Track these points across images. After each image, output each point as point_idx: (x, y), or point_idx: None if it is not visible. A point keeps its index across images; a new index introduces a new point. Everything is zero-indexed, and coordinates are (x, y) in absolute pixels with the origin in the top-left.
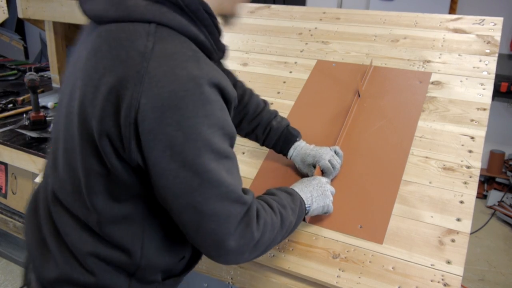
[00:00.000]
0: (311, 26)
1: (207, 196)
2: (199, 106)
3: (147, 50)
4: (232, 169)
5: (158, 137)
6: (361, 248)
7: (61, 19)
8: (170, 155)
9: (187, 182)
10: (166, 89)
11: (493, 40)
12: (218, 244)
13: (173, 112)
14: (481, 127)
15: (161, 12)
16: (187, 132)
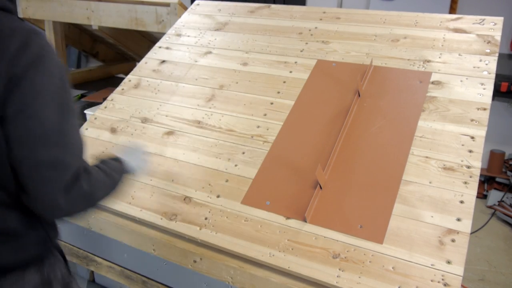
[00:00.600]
0: (311, 26)
1: (47, 143)
2: (46, 60)
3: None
4: (77, 128)
5: (7, 88)
6: (361, 248)
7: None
8: (19, 104)
9: (32, 132)
10: (15, 41)
11: (493, 40)
12: (47, 196)
13: (23, 63)
14: (481, 127)
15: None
16: (36, 84)
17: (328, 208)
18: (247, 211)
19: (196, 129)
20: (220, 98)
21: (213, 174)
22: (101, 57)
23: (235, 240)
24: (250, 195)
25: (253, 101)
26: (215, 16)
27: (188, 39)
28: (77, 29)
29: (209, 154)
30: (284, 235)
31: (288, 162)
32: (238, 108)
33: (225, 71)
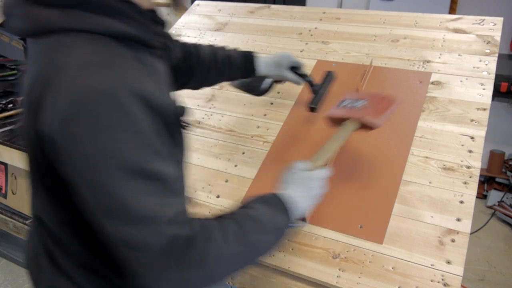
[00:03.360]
0: (311, 26)
1: (117, 220)
2: (111, 118)
3: (58, 63)
4: (159, 192)
5: (68, 152)
6: (361, 248)
7: None
8: (82, 172)
9: (99, 202)
10: (73, 100)
11: (493, 40)
12: (134, 275)
13: (81, 125)
14: (481, 127)
15: (74, 17)
16: (95, 146)
17: (328, 208)
18: None
19: (196, 129)
20: (220, 98)
21: (213, 174)
22: None
23: None
24: (250, 195)
25: (253, 101)
26: (215, 16)
27: (188, 40)
28: None
29: (209, 154)
30: None
31: (288, 162)
32: (238, 108)
33: None
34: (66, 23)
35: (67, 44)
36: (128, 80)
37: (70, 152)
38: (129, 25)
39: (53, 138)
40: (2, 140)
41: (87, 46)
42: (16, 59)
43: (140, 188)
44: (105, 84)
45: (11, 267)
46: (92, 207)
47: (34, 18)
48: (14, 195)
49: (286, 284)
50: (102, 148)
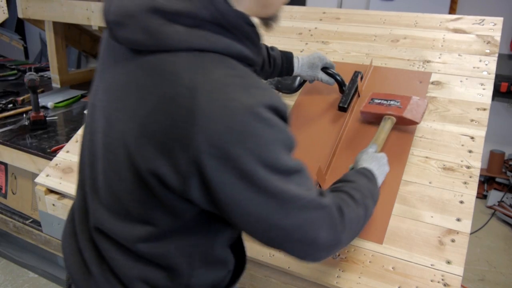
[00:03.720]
0: (311, 26)
1: (288, 212)
2: (260, 135)
3: (194, 84)
4: (303, 180)
5: (224, 173)
6: (361, 248)
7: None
8: (242, 186)
9: (265, 206)
10: (222, 125)
11: (493, 40)
12: (307, 250)
13: (235, 147)
14: (481, 127)
15: (202, 37)
16: (255, 163)
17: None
18: None
19: None
20: None
21: None
22: None
23: None
24: None
25: None
26: None
27: None
28: (77, 29)
29: None
30: None
31: None
32: None
33: None
34: (193, 42)
35: (198, 64)
36: (264, 97)
37: (231, 171)
38: (251, 49)
39: (206, 160)
40: (2, 140)
41: (218, 67)
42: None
43: (296, 182)
44: (248, 104)
45: (11, 267)
46: (258, 214)
47: (159, 32)
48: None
49: (286, 284)
50: (266, 160)
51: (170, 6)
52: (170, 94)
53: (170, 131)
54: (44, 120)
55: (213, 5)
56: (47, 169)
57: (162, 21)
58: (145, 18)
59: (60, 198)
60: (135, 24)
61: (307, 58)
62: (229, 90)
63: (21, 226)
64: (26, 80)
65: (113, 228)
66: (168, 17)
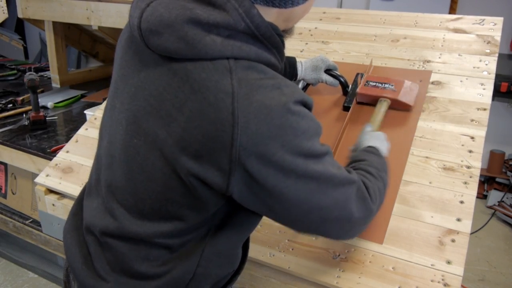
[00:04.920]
0: (311, 26)
1: (326, 191)
2: (295, 127)
3: (234, 89)
4: (332, 160)
5: (267, 166)
6: (361, 248)
7: (61, 19)
8: (284, 175)
9: (307, 189)
10: (263, 123)
11: (493, 40)
12: (345, 226)
13: (276, 141)
14: (481, 127)
15: (238, 46)
16: (293, 152)
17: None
18: None
19: None
20: None
21: None
22: (101, 57)
23: None
24: None
25: None
26: None
27: None
28: (77, 29)
29: None
30: (284, 235)
31: None
32: None
33: None
34: (228, 51)
35: (230, 69)
36: (295, 94)
37: (273, 164)
38: (276, 57)
39: (251, 159)
40: (2, 140)
41: (251, 71)
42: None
43: (330, 163)
44: (284, 101)
45: (11, 267)
46: (298, 198)
47: (194, 42)
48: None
49: (286, 284)
50: (303, 149)
51: (208, 18)
52: (210, 100)
53: (212, 134)
54: (44, 120)
55: (250, 18)
56: (47, 169)
57: (200, 31)
58: (184, 28)
59: (60, 198)
60: (172, 33)
61: (310, 61)
62: (264, 90)
63: (21, 226)
64: (26, 80)
65: (131, 226)
66: (206, 27)
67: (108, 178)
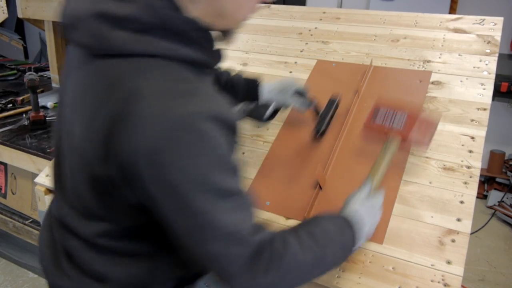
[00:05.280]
0: (311, 26)
1: (206, 238)
2: (194, 146)
3: (136, 89)
4: (237, 207)
5: (153, 180)
6: (361, 248)
7: None
8: (169, 197)
9: (186, 224)
10: (157, 131)
11: (493, 40)
12: (223, 281)
13: (167, 155)
14: (481, 127)
15: (148, 41)
16: (182, 174)
17: (328, 208)
18: None
19: None
20: None
21: None
22: None
23: None
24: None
25: None
26: None
27: None
28: None
29: None
30: None
31: (288, 162)
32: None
33: None
34: (139, 47)
35: (140, 69)
36: (205, 106)
37: (157, 181)
38: (202, 53)
39: (135, 167)
40: (2, 140)
41: (162, 72)
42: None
43: (224, 207)
44: (186, 113)
45: (11, 267)
46: (180, 229)
47: (104, 37)
48: (13, 195)
49: None
50: (190, 175)
51: (115, 11)
52: (113, 98)
53: (110, 134)
54: (44, 120)
55: (155, 11)
56: (46, 169)
57: (108, 25)
58: (92, 23)
59: None
60: (84, 28)
61: (279, 83)
62: (167, 96)
63: (21, 226)
64: (25, 80)
65: (77, 225)
66: (114, 22)
67: (59, 176)
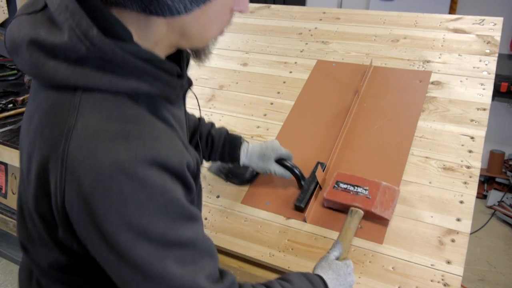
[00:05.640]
0: (311, 26)
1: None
2: (129, 195)
3: (69, 127)
4: (189, 257)
5: (89, 228)
6: (361, 248)
7: None
8: (106, 247)
9: (128, 275)
10: (88, 177)
11: (493, 40)
12: None
13: (99, 203)
14: (481, 127)
15: (84, 74)
16: (119, 224)
17: (328, 208)
18: (247, 211)
19: None
20: (220, 98)
21: (213, 174)
22: None
23: (235, 240)
24: (250, 195)
25: (253, 101)
26: None
27: None
28: None
29: None
30: (284, 235)
31: None
32: (238, 109)
33: (225, 72)
34: (74, 79)
35: (75, 105)
36: (146, 150)
37: (92, 229)
38: (153, 84)
39: (70, 212)
40: (2, 140)
41: (99, 109)
42: None
43: (177, 258)
44: (122, 159)
45: (11, 267)
46: (122, 282)
47: (39, 66)
48: (14, 195)
49: None
50: (132, 225)
51: (47, 39)
52: (46, 134)
53: (45, 174)
54: None
55: (89, 40)
56: None
57: (42, 54)
58: (28, 50)
59: None
60: (21, 54)
61: (259, 147)
62: (103, 138)
63: None
64: (26, 80)
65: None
66: (47, 51)
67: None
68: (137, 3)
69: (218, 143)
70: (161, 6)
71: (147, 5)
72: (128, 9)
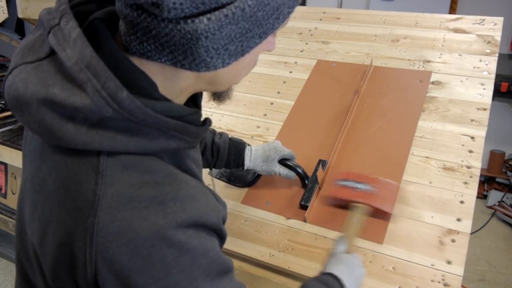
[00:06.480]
0: (311, 26)
1: None
2: (170, 263)
3: (96, 198)
4: None
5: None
6: (361, 248)
7: None
8: None
9: None
10: (125, 250)
11: (493, 40)
12: None
13: (139, 276)
14: (481, 127)
15: (109, 137)
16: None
17: (328, 208)
18: (247, 211)
19: None
20: None
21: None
22: None
23: (235, 240)
24: (250, 195)
25: (253, 101)
26: None
27: None
28: None
29: None
30: (284, 235)
31: None
32: (238, 108)
33: None
34: (98, 144)
35: (101, 172)
36: (186, 213)
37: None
38: (179, 139)
39: (108, 286)
40: (2, 140)
41: (128, 175)
42: None
43: None
44: (161, 226)
45: (11, 267)
46: None
47: (54, 129)
48: (14, 195)
49: (286, 284)
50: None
51: (65, 101)
52: (68, 205)
53: (70, 248)
54: None
55: (117, 103)
56: None
57: (57, 115)
58: (40, 111)
59: None
60: (30, 114)
61: (262, 150)
62: (138, 206)
63: None
64: None
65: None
66: (65, 112)
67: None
68: (167, 57)
69: (223, 152)
70: (197, 63)
71: (179, 61)
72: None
